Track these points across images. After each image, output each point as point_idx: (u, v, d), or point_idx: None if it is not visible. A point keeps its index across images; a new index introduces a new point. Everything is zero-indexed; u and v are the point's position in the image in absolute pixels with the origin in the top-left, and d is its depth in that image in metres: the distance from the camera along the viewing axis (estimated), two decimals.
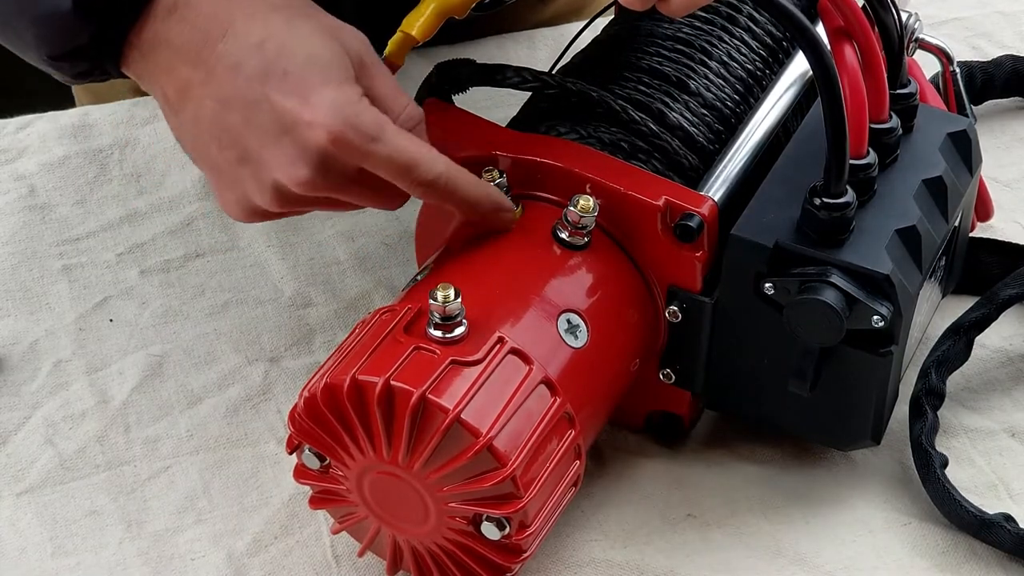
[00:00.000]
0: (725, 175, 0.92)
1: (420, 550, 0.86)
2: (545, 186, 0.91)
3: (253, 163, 0.83)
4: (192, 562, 0.92)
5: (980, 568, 0.91)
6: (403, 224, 1.10)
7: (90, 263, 1.08)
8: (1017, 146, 1.18)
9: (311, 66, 0.82)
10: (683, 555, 0.91)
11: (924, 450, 0.94)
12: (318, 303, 1.06)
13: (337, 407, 0.82)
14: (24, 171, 1.14)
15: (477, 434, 0.80)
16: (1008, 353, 1.03)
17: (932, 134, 0.95)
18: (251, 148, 0.83)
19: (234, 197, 0.86)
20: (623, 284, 0.90)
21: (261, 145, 0.83)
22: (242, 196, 0.86)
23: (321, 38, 0.83)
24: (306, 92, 0.81)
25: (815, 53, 0.83)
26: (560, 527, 0.92)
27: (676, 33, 0.98)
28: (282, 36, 0.83)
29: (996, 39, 1.27)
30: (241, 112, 0.82)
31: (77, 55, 0.85)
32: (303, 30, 0.83)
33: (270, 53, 0.82)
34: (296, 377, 1.01)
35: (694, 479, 0.96)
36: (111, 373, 1.02)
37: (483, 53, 1.22)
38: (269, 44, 0.82)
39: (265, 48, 0.82)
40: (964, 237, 1.02)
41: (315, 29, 0.84)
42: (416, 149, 0.83)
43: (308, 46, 0.83)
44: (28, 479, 0.96)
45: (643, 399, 0.95)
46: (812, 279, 0.86)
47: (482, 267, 0.89)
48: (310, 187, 0.83)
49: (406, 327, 0.83)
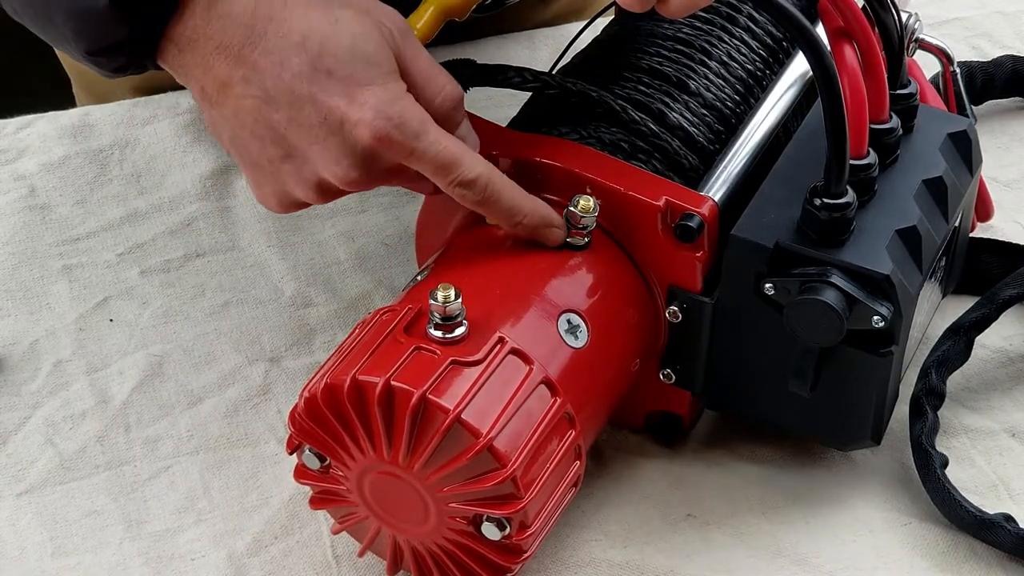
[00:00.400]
0: (725, 175, 0.92)
1: (420, 550, 0.86)
2: (545, 186, 0.91)
3: (298, 160, 0.84)
4: (192, 562, 0.92)
5: (980, 568, 0.91)
6: (403, 224, 1.10)
7: (90, 263, 1.08)
8: (1017, 146, 1.18)
9: (355, 62, 0.82)
10: (683, 555, 0.91)
11: (924, 450, 0.94)
12: (318, 303, 1.06)
13: (337, 407, 0.82)
14: (24, 171, 1.14)
15: (477, 434, 0.80)
16: (1008, 353, 1.03)
17: (932, 134, 0.95)
18: (296, 146, 0.84)
19: (272, 191, 0.87)
20: (623, 284, 0.90)
21: (306, 143, 0.83)
22: (281, 190, 0.86)
23: (362, 28, 0.83)
24: (352, 91, 0.82)
25: (815, 54, 0.83)
26: (560, 527, 0.92)
27: (676, 33, 0.98)
28: (323, 30, 0.83)
29: (996, 39, 1.27)
30: (286, 111, 0.83)
31: (115, 50, 0.85)
32: (344, 22, 0.83)
33: (313, 50, 0.82)
34: (296, 377, 1.01)
35: (694, 479, 0.96)
36: (111, 373, 1.02)
37: (483, 53, 1.22)
38: (311, 40, 0.82)
39: (308, 45, 0.82)
40: (964, 237, 1.02)
41: (354, 19, 0.84)
42: (457, 149, 0.84)
43: (350, 40, 0.83)
44: (28, 479, 0.96)
45: (643, 399, 0.95)
46: (812, 279, 0.86)
47: (482, 267, 0.89)
48: (355, 184, 0.84)
49: (406, 327, 0.83)
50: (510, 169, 0.90)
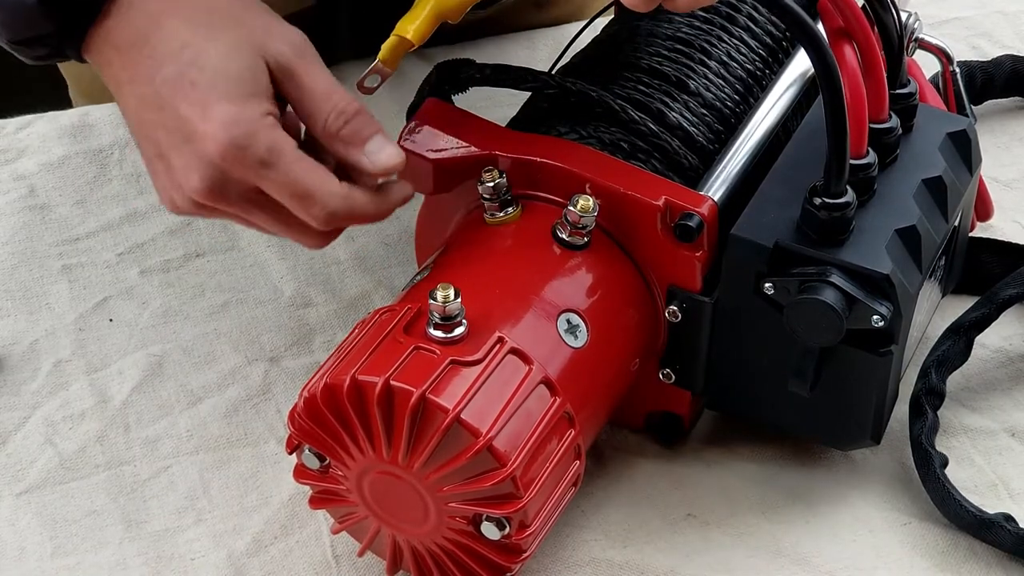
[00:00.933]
0: (725, 175, 0.92)
1: (420, 550, 0.86)
2: (545, 186, 0.91)
3: (165, 161, 0.86)
4: (192, 562, 0.92)
5: (980, 568, 0.91)
6: (403, 224, 1.10)
7: (90, 263, 1.08)
8: (1017, 146, 1.18)
9: (217, 78, 0.83)
10: (683, 555, 0.91)
11: (924, 450, 0.94)
12: (318, 303, 1.06)
13: (337, 407, 0.82)
14: (24, 171, 1.14)
15: (477, 434, 0.80)
16: (1008, 353, 1.03)
17: (932, 134, 0.95)
18: (162, 148, 0.85)
19: (160, 186, 0.88)
20: (623, 284, 0.90)
21: (168, 147, 0.85)
22: (163, 188, 0.87)
23: (238, 51, 0.84)
24: (206, 104, 0.83)
25: (817, 50, 0.83)
26: (560, 527, 0.92)
27: (675, 33, 0.98)
28: (200, 45, 0.84)
29: (996, 39, 1.27)
30: (155, 113, 0.85)
31: (38, 42, 0.88)
32: (223, 40, 0.84)
33: (185, 59, 0.84)
34: (296, 377, 1.01)
35: (694, 479, 0.96)
36: (111, 373, 1.02)
37: (483, 53, 1.22)
38: (187, 52, 0.84)
39: (182, 55, 0.84)
40: (964, 237, 1.02)
41: (235, 41, 0.84)
42: (312, 180, 0.83)
43: (221, 57, 0.84)
44: (28, 479, 0.96)
45: (643, 399, 0.95)
46: (812, 279, 0.86)
47: (482, 267, 0.89)
48: (208, 197, 0.84)
49: (406, 327, 0.83)
50: (510, 169, 0.90)
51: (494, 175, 0.90)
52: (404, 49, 0.91)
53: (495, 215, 0.90)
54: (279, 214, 0.85)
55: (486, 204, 0.90)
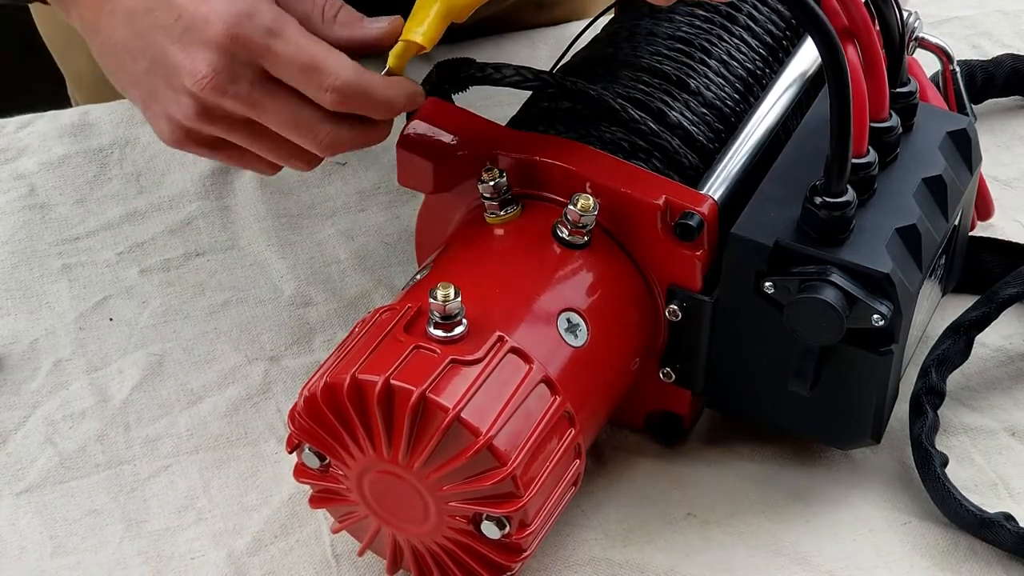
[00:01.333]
0: (725, 174, 0.92)
1: (420, 549, 0.86)
2: (545, 185, 0.91)
3: (163, 68, 0.84)
4: (192, 561, 0.92)
5: (980, 567, 0.91)
6: (403, 223, 1.10)
7: (90, 262, 1.08)
8: (1017, 145, 1.18)
9: None
10: (683, 554, 0.91)
11: (924, 449, 0.94)
12: (318, 302, 1.06)
13: (337, 406, 0.82)
14: (24, 170, 1.14)
15: (477, 433, 0.80)
16: (1008, 352, 1.03)
17: (932, 133, 0.95)
18: (158, 52, 0.83)
19: (156, 114, 0.86)
20: (623, 283, 0.90)
21: (166, 47, 0.83)
22: (162, 111, 0.86)
23: None
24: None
25: (826, 41, 0.82)
26: (560, 526, 0.92)
27: (676, 32, 0.98)
28: None
29: (996, 38, 1.27)
30: (146, 16, 0.83)
31: None
32: None
33: None
34: (296, 376, 1.01)
35: (694, 479, 0.96)
36: (111, 372, 1.02)
37: (483, 53, 1.22)
38: None
39: None
40: (964, 236, 1.02)
41: None
42: (319, 50, 0.83)
43: None
44: (28, 478, 0.96)
45: (643, 398, 0.95)
46: (812, 278, 0.86)
47: (482, 266, 0.89)
48: (216, 88, 0.82)
49: (406, 326, 0.83)
50: (510, 168, 0.90)
51: (494, 174, 0.90)
52: (412, 54, 0.89)
53: (495, 214, 0.90)
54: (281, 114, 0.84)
55: (486, 203, 0.90)
